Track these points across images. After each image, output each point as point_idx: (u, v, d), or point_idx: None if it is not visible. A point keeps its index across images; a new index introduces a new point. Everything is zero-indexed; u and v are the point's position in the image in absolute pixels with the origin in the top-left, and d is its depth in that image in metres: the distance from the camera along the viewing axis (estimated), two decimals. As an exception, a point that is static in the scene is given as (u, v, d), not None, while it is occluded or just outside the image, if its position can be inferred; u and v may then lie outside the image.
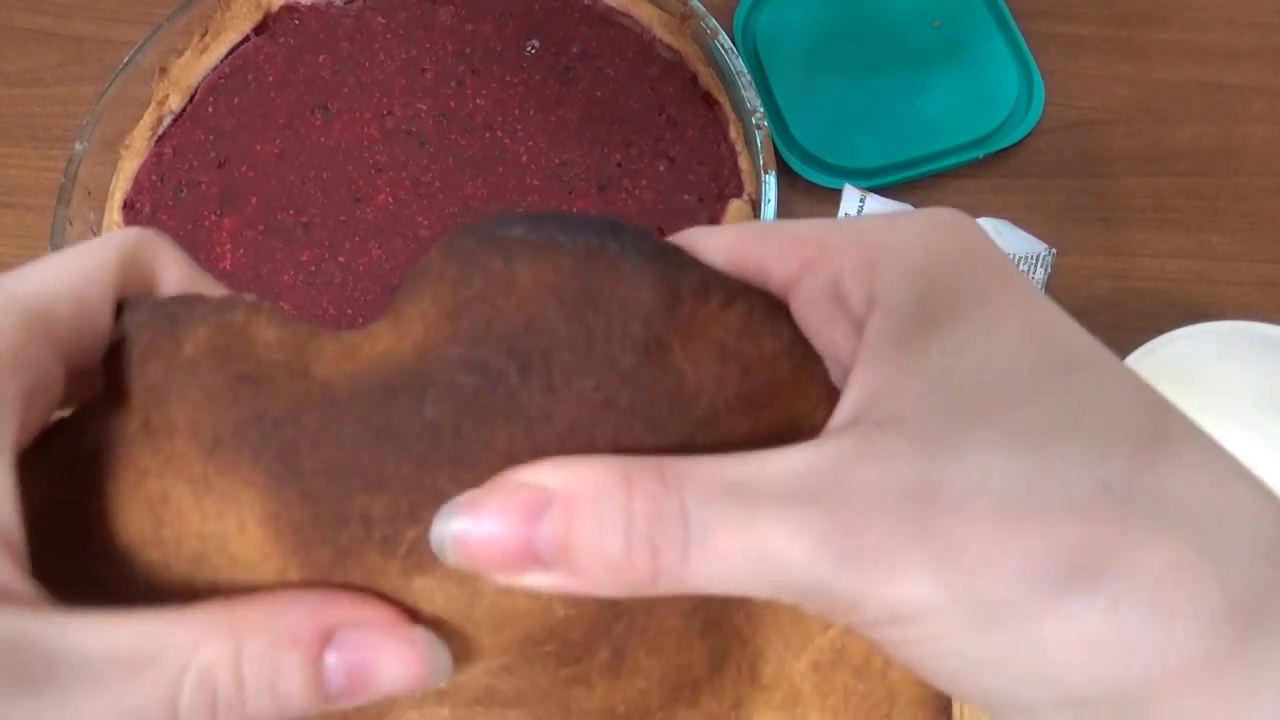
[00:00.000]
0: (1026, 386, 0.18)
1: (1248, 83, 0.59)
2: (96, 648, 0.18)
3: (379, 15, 0.59)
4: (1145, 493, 0.18)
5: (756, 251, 0.21)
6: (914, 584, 0.18)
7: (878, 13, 0.59)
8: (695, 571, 0.18)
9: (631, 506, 0.18)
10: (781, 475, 0.19)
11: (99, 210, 0.56)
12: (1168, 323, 0.39)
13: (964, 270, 0.19)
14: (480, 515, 0.19)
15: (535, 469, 0.19)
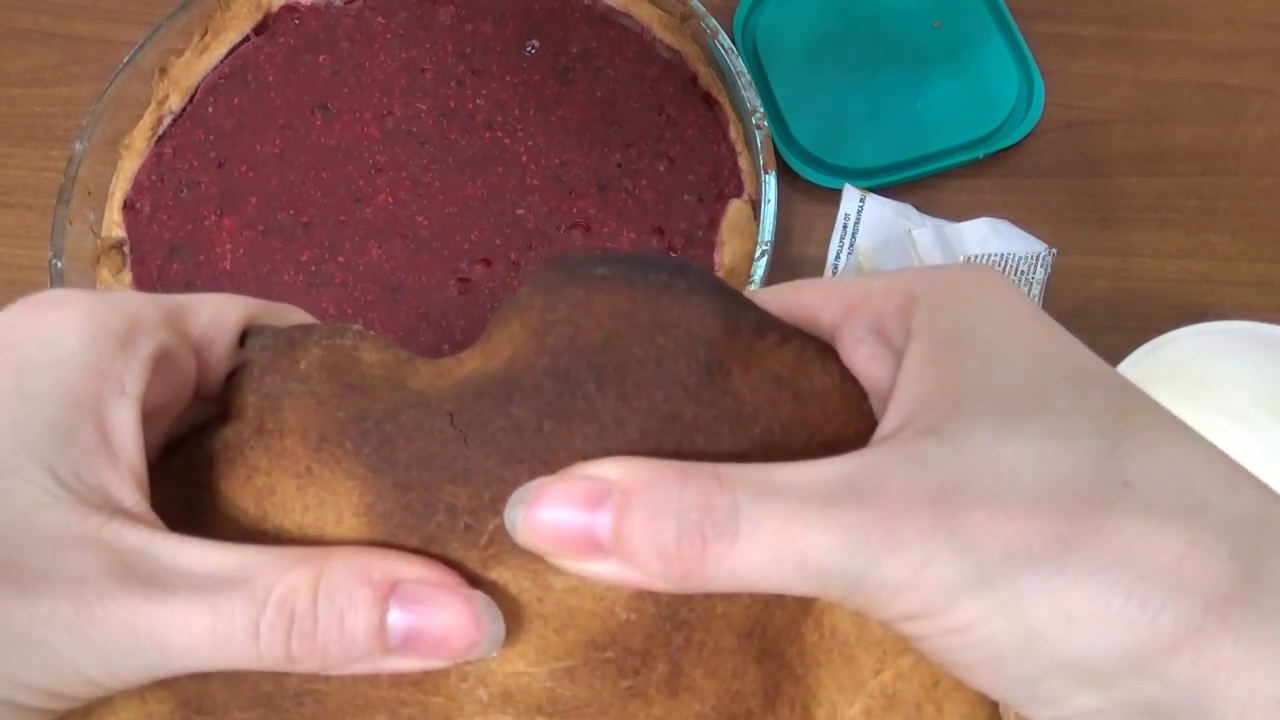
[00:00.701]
0: (1046, 397, 0.20)
1: (1248, 83, 0.59)
2: (200, 568, 0.21)
3: (379, 15, 0.59)
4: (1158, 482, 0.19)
5: (806, 299, 0.24)
6: (945, 574, 0.19)
7: (878, 13, 0.59)
8: (742, 563, 0.20)
9: (684, 499, 0.20)
10: (827, 478, 0.20)
11: (99, 210, 0.56)
12: (1168, 323, 0.39)
13: (987, 304, 0.22)
14: (546, 500, 0.21)
15: (599, 464, 0.21)
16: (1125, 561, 0.19)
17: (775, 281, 0.55)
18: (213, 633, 0.21)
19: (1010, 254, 0.52)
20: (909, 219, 0.53)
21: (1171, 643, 0.18)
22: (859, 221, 0.53)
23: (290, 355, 0.25)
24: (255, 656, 0.21)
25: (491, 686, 0.23)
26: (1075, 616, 0.19)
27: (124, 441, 0.22)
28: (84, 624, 0.20)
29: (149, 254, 0.55)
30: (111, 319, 0.23)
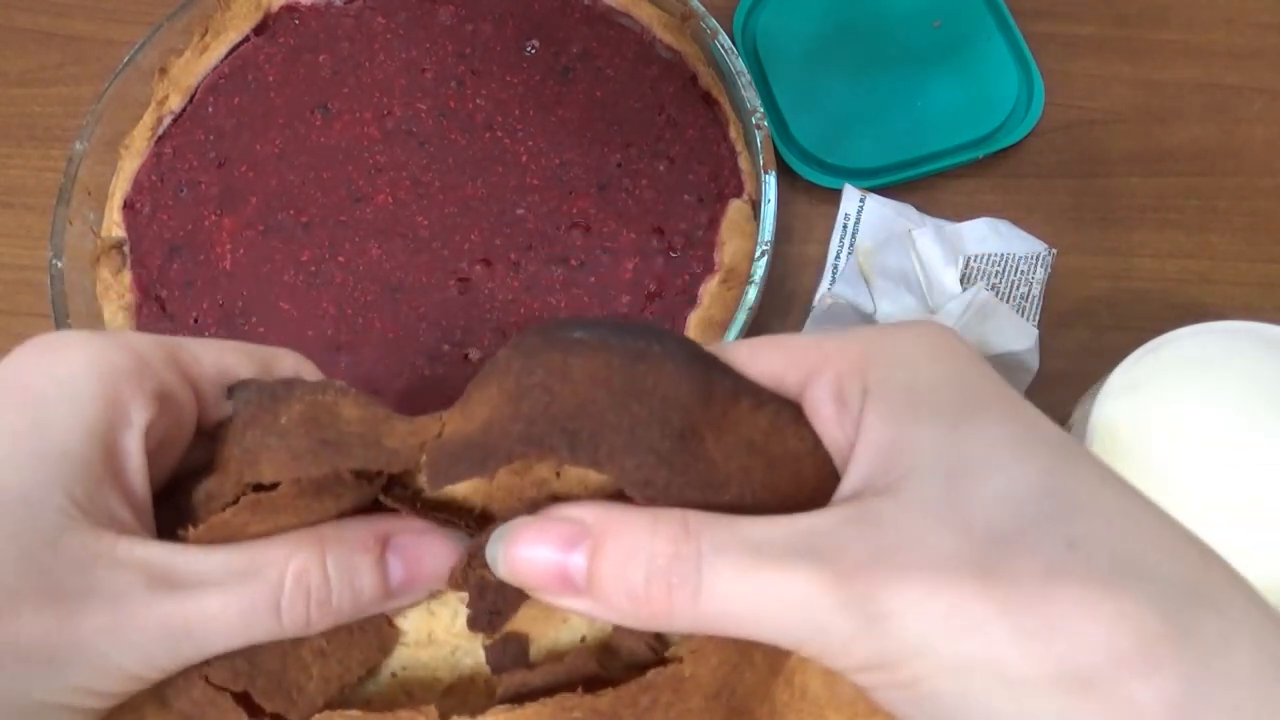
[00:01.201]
0: (997, 461, 0.21)
1: (1248, 83, 0.59)
2: (213, 568, 0.24)
3: (379, 15, 0.59)
4: (1100, 546, 0.20)
5: (768, 361, 0.25)
6: (892, 632, 0.20)
7: (877, 13, 0.59)
8: (705, 609, 0.21)
9: (654, 546, 0.21)
10: (787, 534, 0.21)
11: (99, 210, 0.56)
12: (1168, 323, 0.39)
13: (938, 365, 0.23)
14: (524, 539, 0.23)
15: (576, 507, 0.23)
16: (1061, 630, 0.19)
17: (775, 280, 0.55)
18: (241, 616, 0.24)
19: (1010, 254, 0.52)
20: (909, 219, 0.53)
21: (1110, 712, 0.19)
22: (859, 221, 0.53)
23: (273, 410, 0.26)
24: (278, 629, 0.24)
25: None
26: (1012, 680, 0.20)
27: (130, 467, 0.25)
28: (124, 630, 0.23)
29: (149, 254, 0.55)
30: (119, 357, 0.25)
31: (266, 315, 0.53)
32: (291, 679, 0.26)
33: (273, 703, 0.25)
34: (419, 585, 0.26)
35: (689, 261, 0.53)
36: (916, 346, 0.23)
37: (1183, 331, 0.38)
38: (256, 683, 0.25)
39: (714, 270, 0.52)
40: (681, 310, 0.52)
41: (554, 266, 0.53)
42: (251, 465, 0.25)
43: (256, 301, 0.54)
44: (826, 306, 0.50)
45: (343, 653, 0.27)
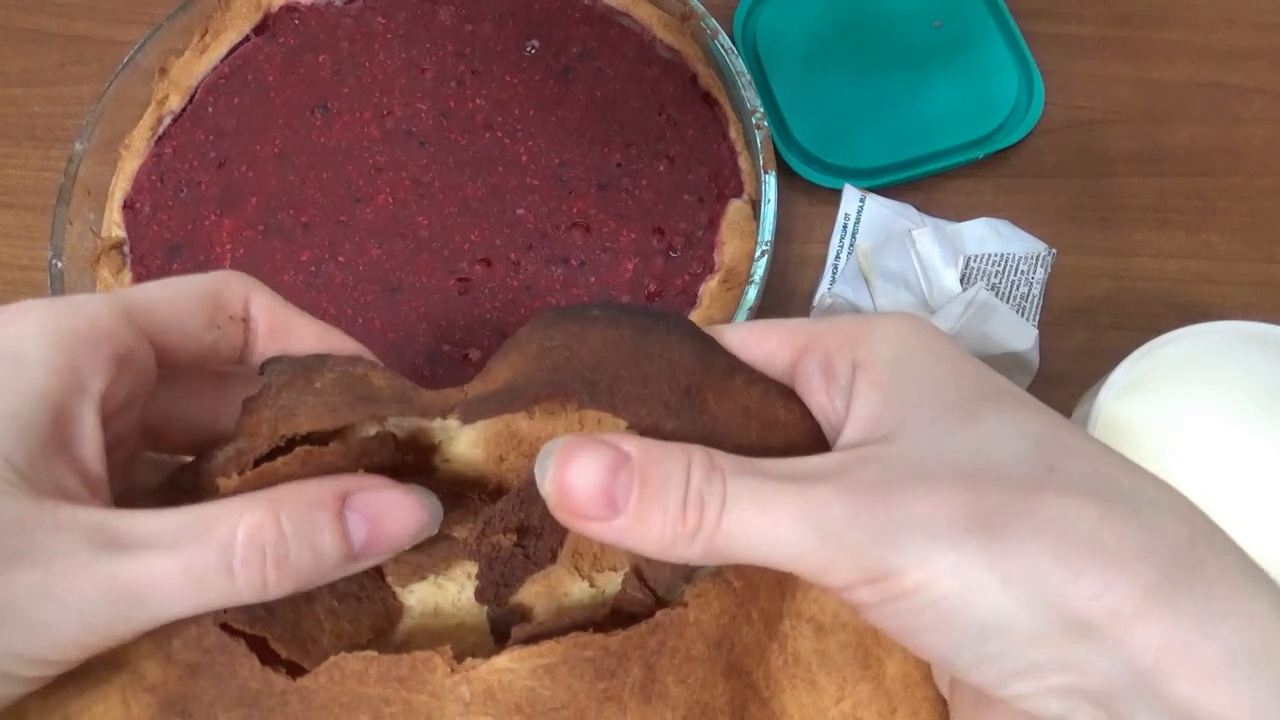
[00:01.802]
0: (977, 411, 0.24)
1: (1248, 83, 0.59)
2: (160, 528, 0.23)
3: (379, 15, 0.59)
4: (1078, 470, 0.23)
5: (765, 341, 0.28)
6: (897, 540, 0.22)
7: (878, 13, 0.59)
8: (728, 526, 0.23)
9: (690, 470, 0.23)
10: (797, 467, 0.24)
11: (99, 210, 0.56)
12: (1168, 323, 0.39)
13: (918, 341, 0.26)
14: (576, 459, 0.24)
15: (614, 436, 0.24)
16: (1049, 531, 0.22)
17: (775, 280, 0.55)
18: (187, 576, 0.23)
19: (1010, 254, 0.52)
20: (909, 219, 0.53)
21: (1092, 600, 0.21)
22: (859, 221, 0.53)
23: (306, 377, 0.27)
24: (233, 591, 0.23)
25: (474, 684, 0.24)
26: (1009, 578, 0.21)
27: (82, 435, 0.25)
28: (62, 591, 0.22)
29: (149, 254, 0.55)
30: (73, 321, 0.25)
31: (266, 315, 0.53)
32: (306, 630, 0.26)
33: (290, 649, 0.25)
34: (384, 544, 0.25)
35: (689, 261, 0.53)
36: (899, 327, 0.26)
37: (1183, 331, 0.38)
38: (274, 629, 0.25)
39: (714, 270, 0.52)
40: (682, 310, 0.52)
41: (554, 266, 0.53)
42: (287, 419, 0.26)
43: (256, 301, 0.54)
44: (826, 306, 0.50)
45: (352, 614, 0.27)
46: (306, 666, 0.25)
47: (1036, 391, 0.50)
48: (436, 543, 0.28)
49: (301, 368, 0.28)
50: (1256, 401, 0.39)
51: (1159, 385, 0.39)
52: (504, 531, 0.27)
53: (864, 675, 0.26)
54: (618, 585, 0.28)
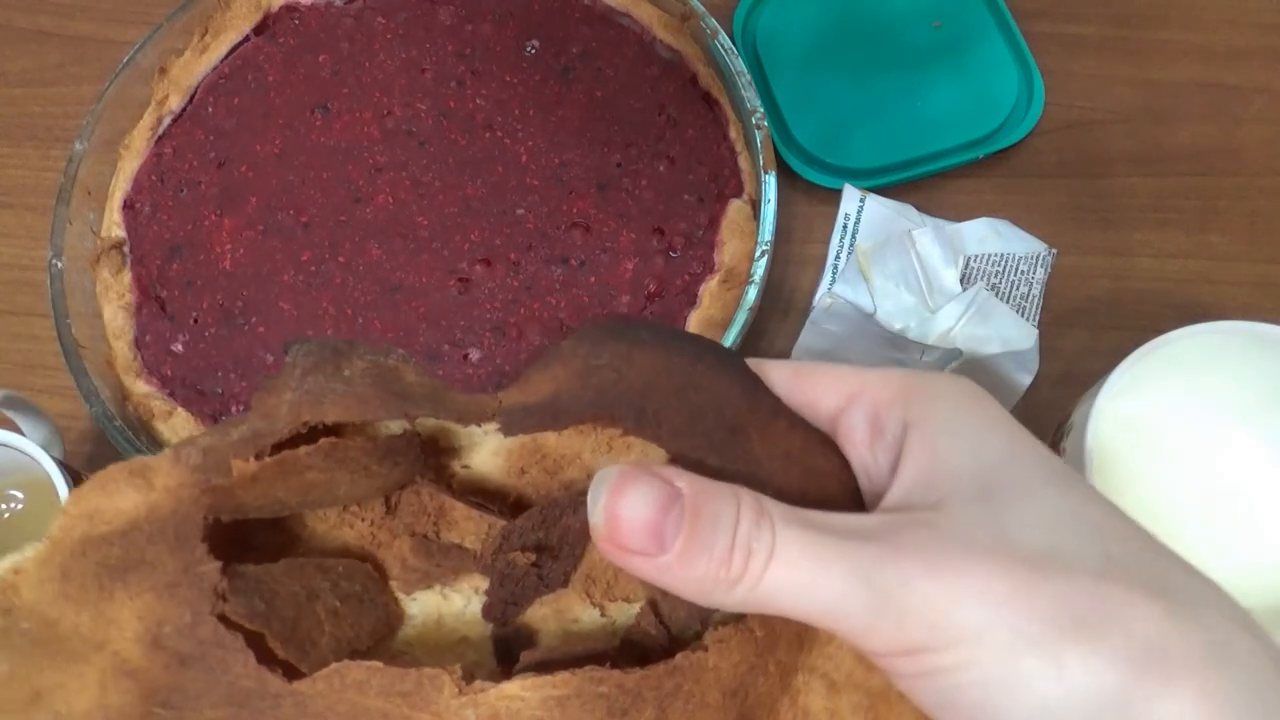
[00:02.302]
0: (1032, 488, 0.24)
1: (1248, 83, 0.59)
2: None
3: (379, 15, 0.59)
4: (1138, 563, 0.23)
5: (809, 385, 0.27)
6: (949, 613, 0.21)
7: (877, 13, 0.59)
8: (773, 577, 0.22)
9: (739, 514, 0.23)
10: (846, 523, 0.23)
11: (99, 210, 0.56)
12: (1168, 323, 0.39)
13: (975, 407, 0.25)
14: (628, 491, 0.23)
15: (668, 470, 0.23)
16: (1113, 624, 0.21)
17: (775, 280, 0.55)
18: None
19: (1010, 254, 0.52)
20: (909, 219, 0.53)
21: (1151, 701, 0.21)
22: (859, 221, 0.53)
23: (334, 362, 0.26)
24: None
25: (481, 708, 0.23)
26: (1066, 669, 0.21)
27: None
28: None
29: (149, 254, 0.55)
30: None
31: (266, 315, 0.53)
32: (305, 630, 0.25)
33: (287, 649, 0.24)
34: None
35: (689, 261, 0.53)
36: (956, 390, 0.26)
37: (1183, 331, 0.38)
38: (273, 625, 0.24)
39: (714, 270, 0.52)
40: (681, 310, 0.52)
41: (554, 266, 0.53)
42: (313, 405, 0.25)
43: (256, 301, 0.54)
44: (826, 306, 0.50)
45: (354, 618, 0.26)
46: (302, 669, 0.24)
47: (1036, 391, 0.50)
48: (448, 551, 0.28)
49: (331, 351, 0.26)
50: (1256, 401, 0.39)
51: (1159, 385, 0.39)
52: (522, 549, 0.27)
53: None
54: (629, 616, 0.28)
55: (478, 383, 0.51)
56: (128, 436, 0.50)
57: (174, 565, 0.24)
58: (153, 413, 0.52)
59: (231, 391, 0.52)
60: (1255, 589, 0.37)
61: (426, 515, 0.28)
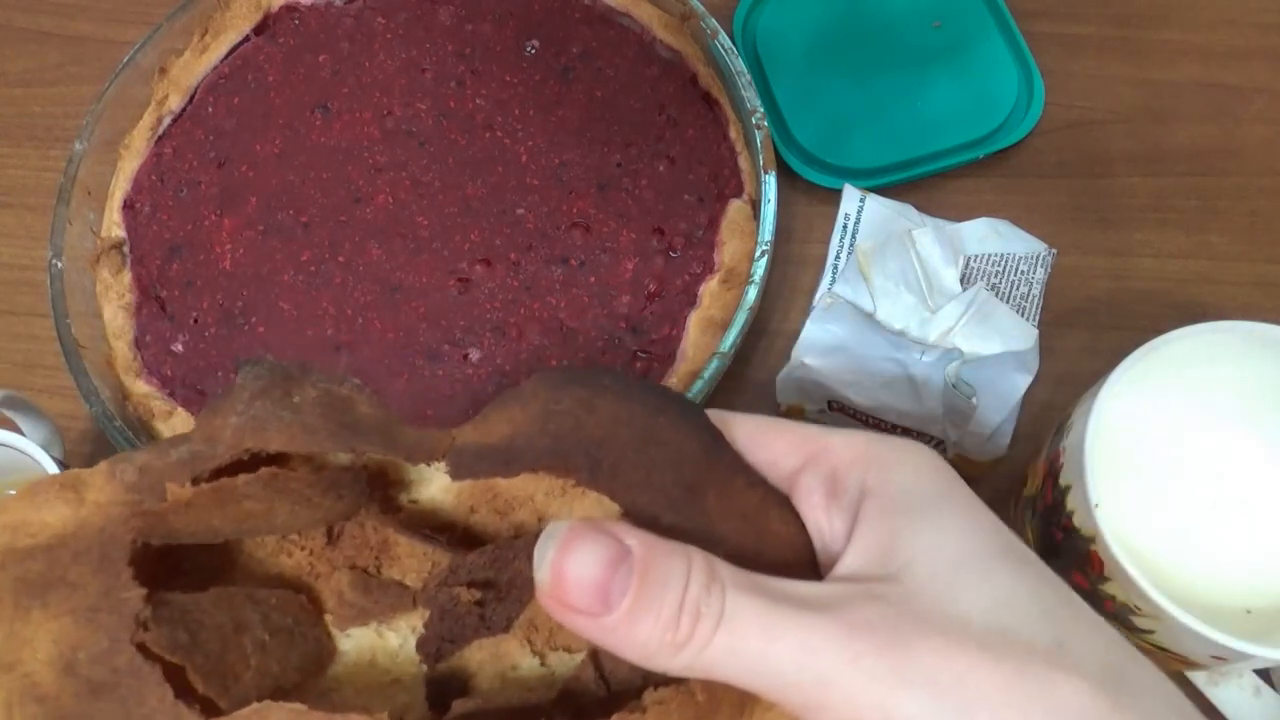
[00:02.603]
0: (989, 566, 0.24)
1: (1248, 83, 0.59)
2: None
3: (379, 15, 0.59)
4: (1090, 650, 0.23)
5: (771, 442, 0.27)
6: (898, 692, 0.21)
7: (878, 13, 0.59)
8: (720, 644, 0.22)
9: (690, 575, 0.22)
10: (798, 591, 0.23)
11: (99, 210, 0.56)
12: (1168, 323, 0.39)
13: (935, 479, 0.25)
14: (576, 549, 0.22)
15: (619, 527, 0.23)
16: (1063, 712, 0.21)
17: (774, 280, 0.55)
18: None
19: (1010, 254, 0.52)
20: (909, 219, 0.53)
21: None
22: (859, 221, 0.53)
23: (285, 387, 0.25)
24: None
25: None
26: None
27: None
28: None
29: (149, 254, 0.55)
30: None
31: (266, 315, 0.53)
32: (229, 665, 0.24)
33: (208, 684, 0.23)
34: None
35: (689, 261, 0.53)
36: (917, 460, 0.26)
37: (1183, 331, 0.38)
38: (195, 658, 0.23)
39: (714, 270, 0.52)
40: (681, 310, 0.52)
41: (554, 266, 0.53)
42: (257, 432, 0.24)
43: (256, 301, 0.54)
44: (826, 306, 0.50)
45: (282, 652, 0.25)
46: (222, 706, 0.23)
47: (1036, 391, 0.50)
48: (387, 588, 0.27)
49: (282, 376, 0.25)
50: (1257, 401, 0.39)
51: (1159, 385, 0.39)
52: (468, 585, 0.26)
53: None
54: (570, 667, 0.27)
55: (478, 383, 0.51)
56: (128, 436, 0.50)
57: (96, 588, 0.23)
58: (153, 413, 0.52)
59: (231, 391, 0.52)
60: (1255, 589, 0.37)
61: (369, 549, 0.27)
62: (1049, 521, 0.40)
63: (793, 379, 0.49)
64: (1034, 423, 0.51)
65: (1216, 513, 0.38)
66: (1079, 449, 0.37)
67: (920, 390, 0.47)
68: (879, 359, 0.48)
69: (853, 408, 0.49)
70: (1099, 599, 0.38)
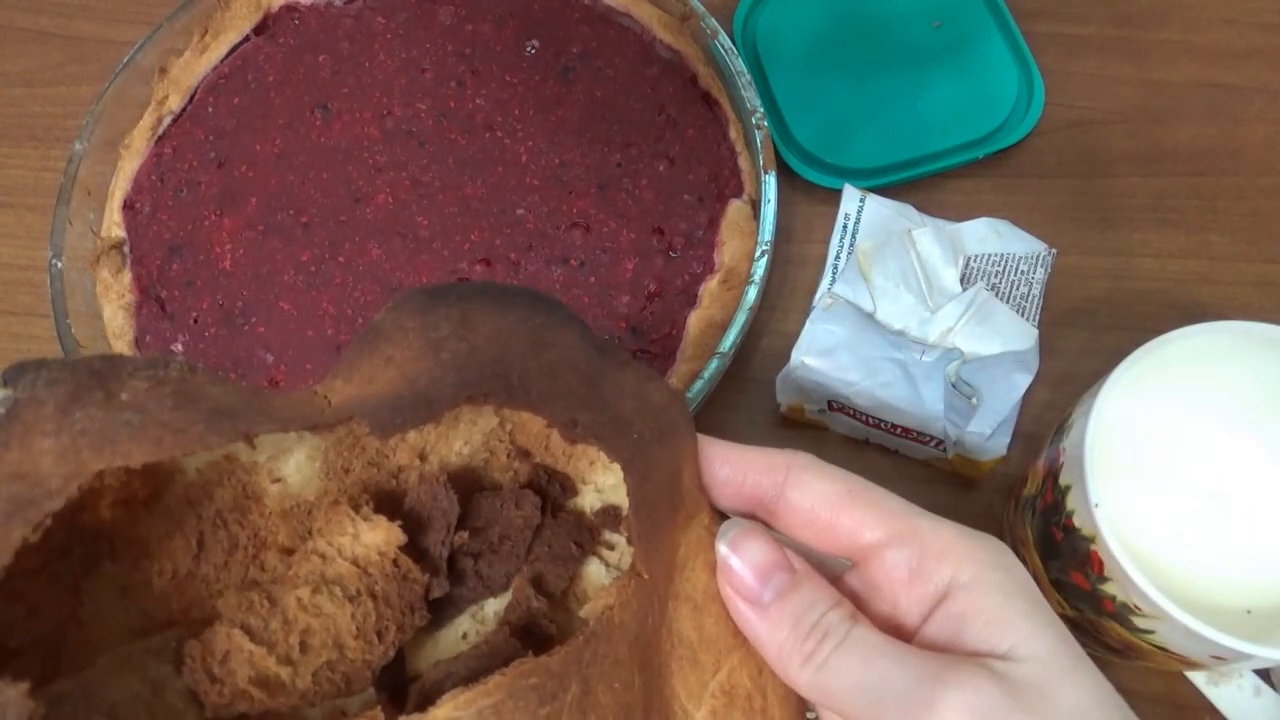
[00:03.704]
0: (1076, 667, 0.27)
1: (1248, 83, 0.59)
2: None
3: (379, 15, 0.59)
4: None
5: (854, 515, 0.29)
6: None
7: (878, 13, 0.59)
8: (834, 663, 0.26)
9: (826, 603, 0.27)
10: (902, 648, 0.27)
11: (99, 210, 0.56)
12: (1168, 323, 0.39)
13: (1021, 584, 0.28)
14: (749, 540, 0.28)
15: (791, 552, 0.28)
16: None
17: (774, 280, 0.55)
18: None
19: (1010, 254, 0.52)
20: (909, 219, 0.53)
21: None
22: (859, 221, 0.53)
23: (100, 386, 0.21)
24: None
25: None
26: None
27: None
28: None
29: (149, 254, 0.55)
30: None
31: (266, 315, 0.53)
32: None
33: None
34: None
35: (689, 261, 0.53)
36: (1002, 558, 0.29)
37: (1183, 331, 0.38)
38: None
39: (714, 270, 0.52)
40: (681, 310, 0.52)
41: (554, 266, 0.53)
42: (100, 447, 0.20)
43: (256, 301, 0.54)
44: (826, 306, 0.50)
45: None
46: None
47: (1036, 391, 0.50)
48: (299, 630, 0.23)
49: (87, 374, 0.21)
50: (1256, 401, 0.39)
51: (1159, 385, 0.39)
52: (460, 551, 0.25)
53: (735, 644, 0.27)
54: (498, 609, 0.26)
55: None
56: (128, 436, 0.50)
57: None
58: (153, 413, 0.52)
59: (231, 391, 0.52)
60: (1255, 589, 0.37)
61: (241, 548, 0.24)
62: (1049, 521, 0.40)
63: (793, 379, 0.49)
64: (1034, 423, 0.51)
65: (1216, 513, 0.38)
66: (1079, 449, 0.37)
67: (920, 390, 0.47)
68: (879, 359, 0.48)
69: (853, 408, 0.49)
70: (1099, 599, 0.38)
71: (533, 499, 0.26)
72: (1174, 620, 0.35)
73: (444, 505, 0.25)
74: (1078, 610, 0.41)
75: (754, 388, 0.54)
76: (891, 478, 0.51)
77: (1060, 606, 0.42)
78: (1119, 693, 0.27)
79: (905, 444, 0.50)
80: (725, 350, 0.49)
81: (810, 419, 0.51)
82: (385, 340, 0.24)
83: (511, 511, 0.26)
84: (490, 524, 0.26)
